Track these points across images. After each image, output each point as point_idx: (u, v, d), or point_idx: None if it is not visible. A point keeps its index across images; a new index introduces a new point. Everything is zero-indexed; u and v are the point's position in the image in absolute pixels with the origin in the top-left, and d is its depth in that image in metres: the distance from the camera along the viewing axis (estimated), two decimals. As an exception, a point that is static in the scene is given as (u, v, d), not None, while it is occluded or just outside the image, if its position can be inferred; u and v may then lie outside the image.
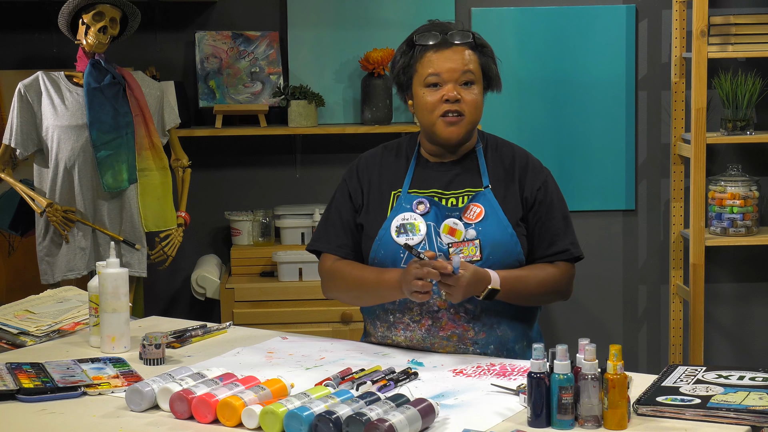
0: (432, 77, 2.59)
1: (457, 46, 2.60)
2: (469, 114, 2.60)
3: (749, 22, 4.25)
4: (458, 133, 2.61)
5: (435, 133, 2.63)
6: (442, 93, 2.59)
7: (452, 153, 2.68)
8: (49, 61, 4.42)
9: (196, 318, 4.03)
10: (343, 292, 2.72)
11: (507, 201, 2.63)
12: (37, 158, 3.94)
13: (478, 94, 2.61)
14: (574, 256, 2.68)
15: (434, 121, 2.61)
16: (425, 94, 2.61)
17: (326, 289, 2.76)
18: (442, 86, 2.59)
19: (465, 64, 2.59)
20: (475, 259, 2.56)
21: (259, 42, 4.53)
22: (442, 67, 2.59)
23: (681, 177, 4.59)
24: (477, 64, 2.62)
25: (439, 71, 2.59)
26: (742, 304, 4.73)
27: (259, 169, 4.63)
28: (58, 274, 3.91)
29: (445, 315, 2.59)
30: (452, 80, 2.59)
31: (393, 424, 1.95)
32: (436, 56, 2.60)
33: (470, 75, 2.60)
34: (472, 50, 2.62)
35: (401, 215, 2.62)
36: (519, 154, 2.71)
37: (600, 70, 4.59)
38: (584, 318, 4.73)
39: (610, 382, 2.01)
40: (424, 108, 2.62)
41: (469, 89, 2.60)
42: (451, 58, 2.59)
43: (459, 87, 2.59)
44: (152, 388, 2.18)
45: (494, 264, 2.56)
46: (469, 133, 2.65)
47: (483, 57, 2.64)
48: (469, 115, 2.61)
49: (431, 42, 2.61)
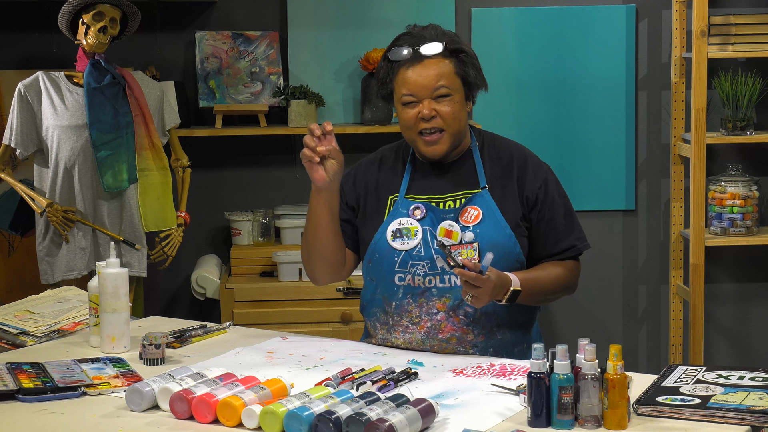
0: (406, 96, 2.57)
1: (429, 59, 2.56)
2: (449, 127, 2.57)
3: (749, 22, 4.25)
4: (440, 150, 2.60)
5: (418, 150, 2.63)
6: (418, 110, 2.56)
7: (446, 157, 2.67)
8: (49, 61, 4.42)
9: (196, 318, 4.03)
10: (306, 253, 2.67)
11: (505, 201, 2.62)
12: (37, 158, 3.94)
13: (456, 104, 2.57)
14: (580, 252, 2.67)
15: (414, 138, 2.60)
16: (402, 111, 2.60)
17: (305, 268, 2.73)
18: (417, 103, 2.57)
19: (437, 79, 2.55)
20: (474, 262, 2.55)
21: (259, 42, 4.53)
22: (415, 84, 2.56)
23: (681, 177, 4.59)
24: (452, 74, 2.57)
25: (412, 90, 2.56)
26: (742, 304, 4.73)
27: (259, 169, 4.63)
28: (58, 274, 3.91)
29: (444, 318, 2.59)
30: (426, 96, 2.56)
31: (393, 424, 1.95)
32: (410, 72, 2.56)
33: (444, 89, 2.55)
34: (446, 59, 2.57)
35: (397, 220, 2.62)
36: (517, 152, 2.69)
37: (600, 70, 4.59)
38: (584, 318, 4.73)
39: (610, 382, 2.01)
40: (403, 125, 2.61)
41: (445, 102, 2.56)
42: (423, 74, 2.55)
43: (433, 102, 2.56)
44: (152, 388, 2.18)
45: (493, 266, 2.55)
46: (453, 145, 2.62)
47: (459, 64, 2.59)
48: (449, 127, 2.58)
49: (402, 57, 2.57)
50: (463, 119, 2.61)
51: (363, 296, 2.74)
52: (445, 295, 2.58)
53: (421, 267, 2.59)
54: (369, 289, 2.70)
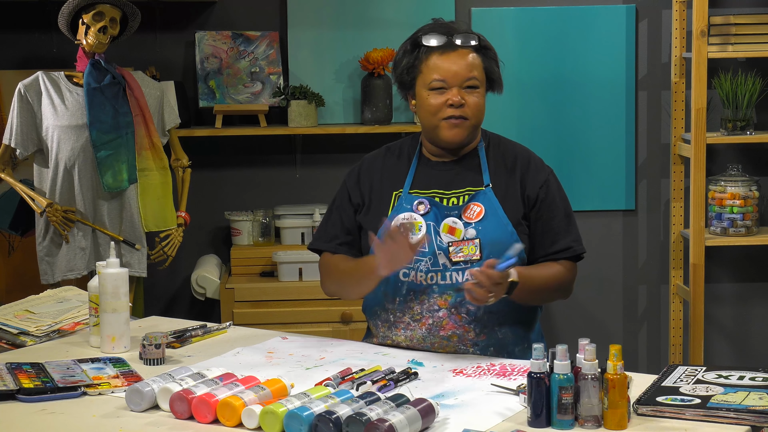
0: (437, 82, 2.60)
1: (461, 49, 2.61)
2: (472, 117, 2.62)
3: (749, 22, 4.25)
4: (461, 136, 2.62)
5: (438, 135, 2.64)
6: (447, 97, 2.59)
7: (454, 153, 2.69)
8: (49, 61, 4.42)
9: (196, 318, 4.02)
10: (334, 284, 2.74)
11: (508, 199, 2.63)
12: (37, 158, 3.94)
13: (481, 98, 2.63)
14: (576, 254, 2.68)
15: (437, 123, 2.62)
16: (429, 96, 2.61)
17: (322, 284, 2.79)
18: (446, 90, 2.60)
19: (469, 69, 2.60)
20: (475, 259, 2.56)
21: (259, 42, 4.53)
22: (448, 71, 2.59)
23: (681, 177, 4.59)
24: (481, 68, 2.63)
25: (444, 76, 2.59)
26: (742, 304, 4.73)
27: (259, 169, 4.63)
28: (58, 274, 3.91)
29: (446, 315, 2.59)
30: (456, 84, 2.59)
31: (393, 424, 1.95)
32: (441, 59, 2.60)
33: (474, 80, 2.61)
34: (476, 53, 2.63)
35: (401, 215, 2.63)
36: (521, 153, 2.72)
37: (600, 70, 4.59)
38: (584, 318, 4.73)
39: (610, 382, 2.01)
40: (427, 110, 2.62)
41: (472, 93, 2.61)
42: (456, 62, 2.60)
43: (463, 91, 2.60)
44: (152, 388, 2.18)
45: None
46: (471, 135, 2.65)
47: (486, 60, 2.65)
48: (473, 118, 2.62)
49: (436, 44, 2.61)
50: (483, 114, 2.66)
51: (366, 295, 2.73)
52: (446, 292, 2.59)
53: (423, 264, 2.59)
54: (372, 285, 2.70)
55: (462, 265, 2.57)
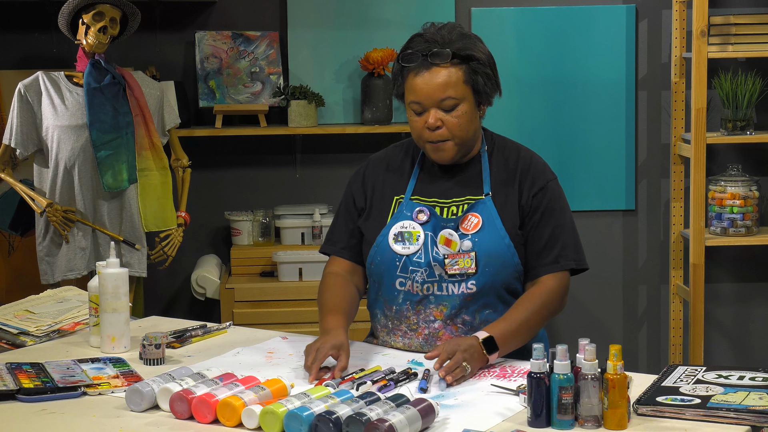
0: (413, 104, 2.54)
1: (437, 67, 2.50)
2: (455, 137, 2.53)
3: (749, 22, 4.25)
4: (447, 157, 2.57)
5: (427, 155, 2.62)
6: (425, 119, 2.53)
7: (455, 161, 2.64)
8: (49, 61, 4.42)
9: (196, 318, 4.03)
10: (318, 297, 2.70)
11: (506, 208, 2.57)
12: (37, 158, 3.94)
13: (463, 114, 2.52)
14: (564, 268, 2.58)
15: (423, 144, 2.58)
16: (412, 117, 2.57)
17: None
18: (424, 111, 2.53)
19: (443, 89, 2.49)
20: (470, 272, 2.52)
21: (259, 42, 4.53)
22: (421, 92, 2.51)
23: (681, 177, 4.59)
24: (460, 82, 2.51)
25: (418, 99, 2.52)
26: (742, 304, 4.73)
27: (259, 169, 4.63)
28: (58, 274, 3.91)
29: (442, 326, 2.57)
30: (432, 106, 2.51)
31: (393, 424, 1.95)
32: (417, 80, 2.51)
33: (451, 100, 2.50)
34: (456, 66, 2.51)
35: (400, 223, 2.60)
36: (523, 157, 2.64)
37: (600, 70, 4.59)
38: (584, 318, 4.73)
39: (610, 382, 2.01)
40: (413, 131, 2.58)
41: (453, 112, 2.52)
42: (431, 83, 2.50)
43: (441, 112, 2.52)
44: (152, 388, 2.18)
45: (490, 275, 2.53)
46: (460, 152, 2.58)
47: (469, 71, 2.53)
48: (456, 137, 2.53)
49: (410, 63, 2.52)
50: (472, 128, 2.56)
51: (368, 295, 2.73)
52: (442, 303, 2.56)
53: (419, 274, 2.56)
54: (372, 289, 2.69)
55: (458, 278, 2.54)
